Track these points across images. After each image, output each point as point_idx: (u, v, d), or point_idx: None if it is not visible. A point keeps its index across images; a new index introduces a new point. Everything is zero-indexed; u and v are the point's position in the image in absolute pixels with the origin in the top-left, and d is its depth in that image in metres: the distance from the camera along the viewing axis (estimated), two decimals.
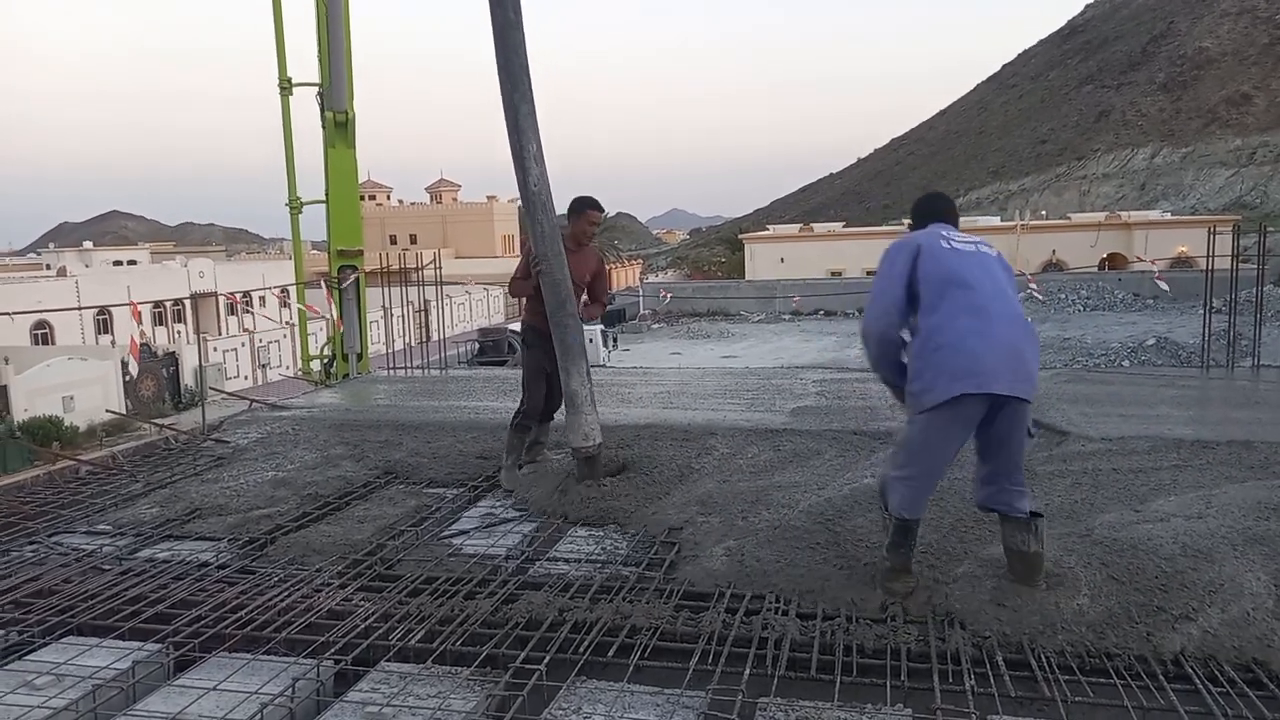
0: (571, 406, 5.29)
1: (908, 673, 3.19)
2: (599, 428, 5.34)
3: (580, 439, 5.24)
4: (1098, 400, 7.70)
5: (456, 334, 37.23)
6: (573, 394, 5.28)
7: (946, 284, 3.62)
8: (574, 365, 5.29)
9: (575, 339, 5.31)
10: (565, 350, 5.30)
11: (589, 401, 5.29)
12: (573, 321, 5.32)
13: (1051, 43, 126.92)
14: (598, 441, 5.29)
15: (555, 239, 5.28)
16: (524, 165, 5.15)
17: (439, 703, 3.01)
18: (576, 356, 5.31)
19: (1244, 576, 3.75)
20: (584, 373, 5.32)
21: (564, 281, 5.31)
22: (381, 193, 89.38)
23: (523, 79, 5.10)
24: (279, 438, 7.15)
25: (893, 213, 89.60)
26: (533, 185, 5.17)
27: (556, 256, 5.28)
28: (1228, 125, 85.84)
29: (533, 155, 5.15)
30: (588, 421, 5.25)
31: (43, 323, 38.60)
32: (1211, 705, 2.96)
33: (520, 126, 5.10)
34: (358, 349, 11.44)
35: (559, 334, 5.31)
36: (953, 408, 3.52)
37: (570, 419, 5.30)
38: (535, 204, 5.21)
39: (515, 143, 5.13)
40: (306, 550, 4.54)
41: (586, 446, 5.25)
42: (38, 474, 6.27)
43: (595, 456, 5.33)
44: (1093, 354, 25.84)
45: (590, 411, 5.28)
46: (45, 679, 3.20)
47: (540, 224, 5.25)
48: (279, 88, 11.43)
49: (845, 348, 30.64)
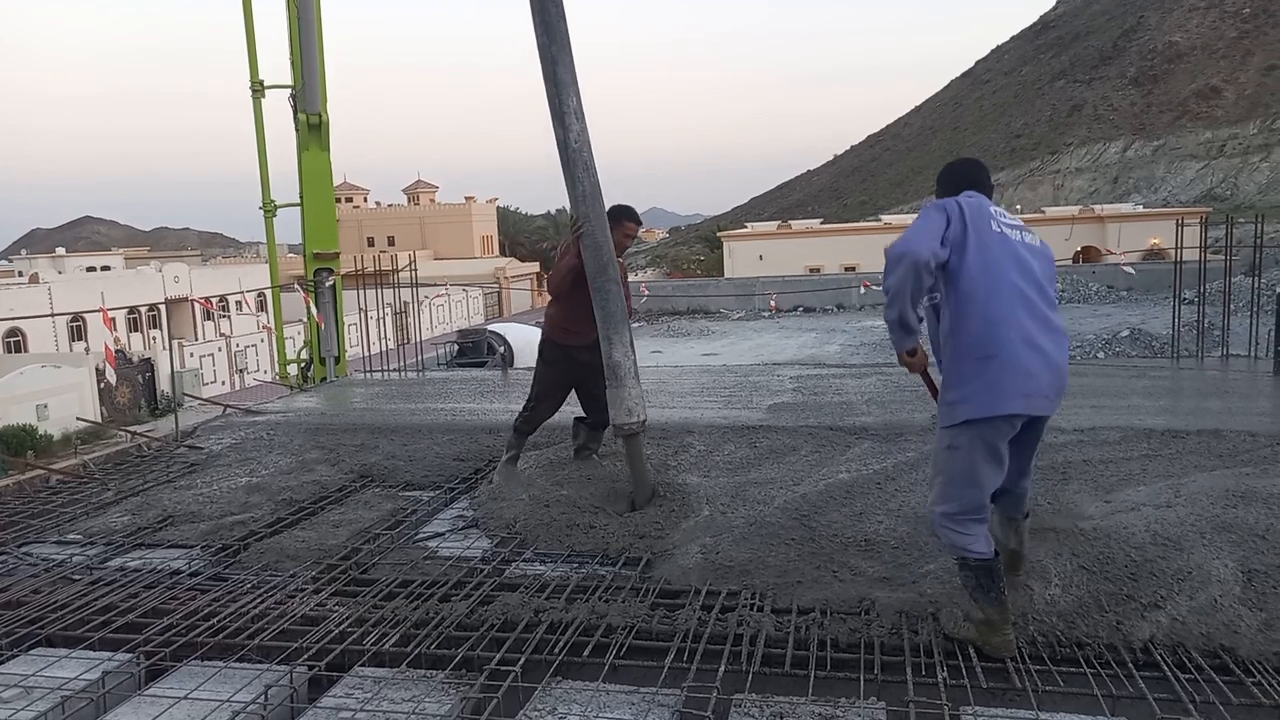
0: (614, 379, 4.91)
1: (881, 666, 3.21)
2: (644, 403, 4.99)
3: (624, 415, 4.88)
4: (1070, 392, 7.74)
5: (435, 336, 37.07)
6: (615, 365, 4.90)
7: (998, 279, 3.18)
8: (616, 334, 4.93)
9: (617, 305, 4.96)
10: (607, 317, 4.94)
11: (632, 374, 4.93)
12: (615, 288, 4.96)
13: (1024, 38, 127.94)
14: (642, 418, 4.94)
15: (597, 199, 4.95)
16: (564, 121, 4.83)
17: (413, 706, 3.00)
18: (619, 324, 4.95)
19: (1212, 564, 3.79)
20: (627, 343, 4.97)
21: (606, 244, 4.96)
22: (359, 195, 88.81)
23: (560, 28, 4.77)
24: (254, 443, 7.10)
25: (869, 209, 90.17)
26: (573, 142, 4.85)
27: (599, 218, 4.96)
28: (1198, 118, 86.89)
29: (573, 110, 4.82)
30: (631, 395, 4.88)
31: (15, 330, 38.10)
32: (1179, 692, 3.00)
33: (559, 79, 4.78)
34: (335, 352, 11.37)
35: (600, 300, 4.95)
36: (994, 425, 3.20)
37: (612, 393, 4.93)
38: (576, 162, 4.87)
39: (554, 96, 4.81)
40: (280, 556, 4.51)
41: (630, 423, 4.88)
42: (7, 483, 6.18)
43: (638, 435, 4.94)
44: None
45: (634, 385, 4.92)
46: (13, 691, 3.16)
47: (581, 183, 4.90)
48: (251, 90, 11.35)
49: (824, 344, 30.80)
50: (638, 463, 4.98)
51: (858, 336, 32.26)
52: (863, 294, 38.63)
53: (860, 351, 28.77)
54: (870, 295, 39.15)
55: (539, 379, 5.61)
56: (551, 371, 5.50)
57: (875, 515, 4.63)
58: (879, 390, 8.21)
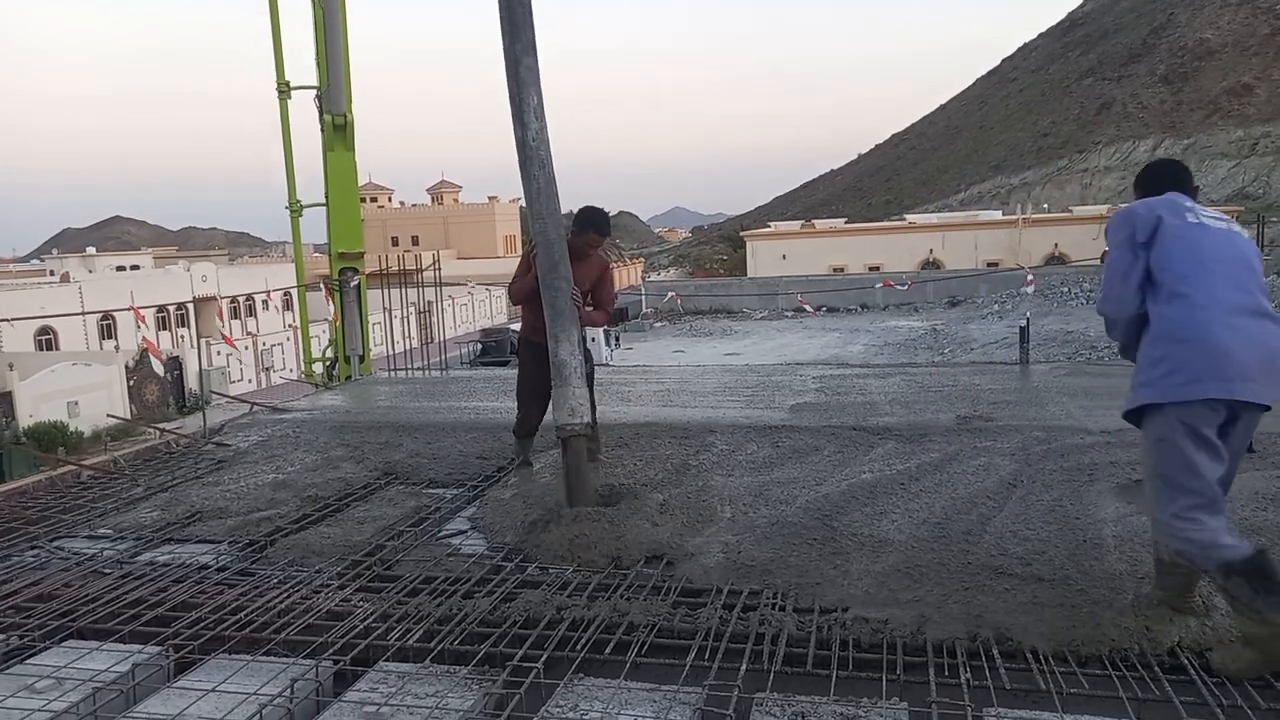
0: (558, 378, 4.80)
1: (903, 666, 3.19)
2: (589, 405, 4.89)
3: (566, 415, 4.73)
4: (1098, 393, 7.70)
5: (459, 335, 37.26)
6: (560, 364, 4.80)
7: (1197, 266, 3.06)
8: (563, 332, 4.85)
9: (566, 303, 4.90)
10: (555, 315, 4.86)
11: (578, 374, 4.81)
12: (564, 285, 4.90)
13: (1052, 35, 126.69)
14: (585, 420, 4.78)
15: (551, 195, 4.91)
16: (523, 119, 4.83)
17: (437, 701, 3.02)
18: (567, 323, 4.87)
19: None
20: (574, 341, 4.87)
21: (558, 243, 4.94)
22: (383, 195, 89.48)
23: (525, 29, 4.81)
24: (280, 440, 7.18)
25: (894, 208, 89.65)
26: (531, 140, 4.84)
27: (552, 215, 4.92)
28: (1229, 116, 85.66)
29: (533, 109, 4.83)
30: (575, 395, 4.76)
31: (47, 328, 38.70)
32: (1206, 696, 2.96)
33: (521, 78, 4.81)
34: (360, 351, 11.46)
35: (549, 296, 4.89)
36: (1194, 410, 2.98)
37: (556, 393, 4.82)
38: (533, 159, 4.85)
39: (515, 94, 4.82)
40: (306, 552, 4.55)
41: (572, 424, 4.72)
42: (39, 479, 6.28)
43: (580, 439, 4.76)
44: (1096, 347, 25.78)
45: (579, 385, 4.80)
46: (46, 682, 3.21)
47: (535, 179, 4.87)
48: (277, 91, 11.44)
49: (847, 344, 30.65)
50: (576, 469, 4.73)
51: (881, 336, 32.08)
52: (888, 292, 38.37)
53: (884, 351, 28.62)
54: (892, 295, 38.93)
55: (517, 381, 5.77)
56: (525, 371, 5.59)
57: (897, 515, 4.62)
58: (903, 390, 8.17)
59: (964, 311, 37.69)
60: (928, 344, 29.27)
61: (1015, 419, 6.75)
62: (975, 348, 27.30)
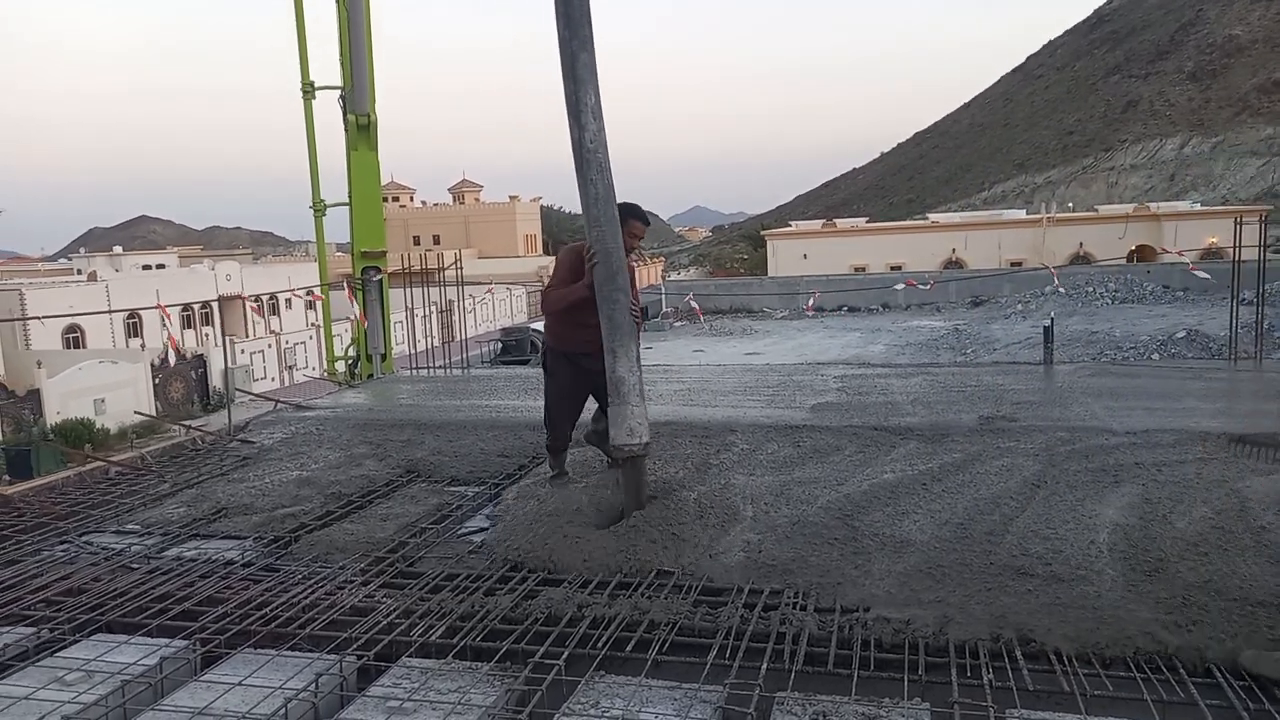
0: (616, 396, 4.61)
1: (925, 667, 3.19)
2: (647, 423, 4.63)
3: (625, 435, 4.55)
4: (1123, 393, 7.63)
5: (479, 334, 37.41)
6: (619, 380, 4.60)
7: None
8: (622, 347, 4.62)
9: (625, 317, 4.65)
10: (613, 329, 4.63)
11: (636, 391, 4.61)
12: (623, 297, 4.65)
13: (1078, 32, 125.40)
14: (645, 440, 4.58)
15: (610, 202, 4.67)
16: (580, 119, 4.57)
17: (459, 697, 3.04)
18: (625, 337, 4.63)
19: (1265, 571, 3.72)
20: (633, 357, 4.65)
21: (616, 251, 4.67)
22: (405, 194, 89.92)
23: (583, 24, 4.58)
24: (303, 438, 7.24)
25: (916, 208, 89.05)
26: (589, 142, 4.58)
27: (610, 223, 4.66)
28: (1259, 114, 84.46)
29: (590, 108, 4.57)
30: (634, 415, 4.56)
31: (74, 327, 39.19)
32: (1234, 700, 2.94)
33: (578, 76, 4.55)
34: (382, 349, 11.53)
35: (607, 309, 4.65)
36: None
37: (614, 411, 4.62)
38: (590, 163, 4.59)
39: (571, 93, 4.57)
40: (330, 548, 4.60)
41: (631, 445, 4.55)
42: (68, 475, 6.38)
43: (641, 459, 4.61)
44: (1121, 347, 25.51)
45: (638, 403, 4.60)
46: (76, 675, 3.27)
47: (594, 185, 4.63)
48: (302, 91, 11.55)
49: (869, 344, 30.48)
50: (634, 490, 4.63)
51: (903, 336, 31.87)
52: (911, 291, 38.10)
53: (906, 351, 28.43)
54: (914, 295, 38.65)
55: (546, 393, 5.43)
56: (555, 383, 5.33)
57: (919, 516, 4.59)
58: (924, 390, 8.13)
59: (987, 311, 37.38)
60: (950, 344, 29.04)
61: (1039, 419, 6.70)
62: (998, 348, 27.06)
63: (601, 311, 4.69)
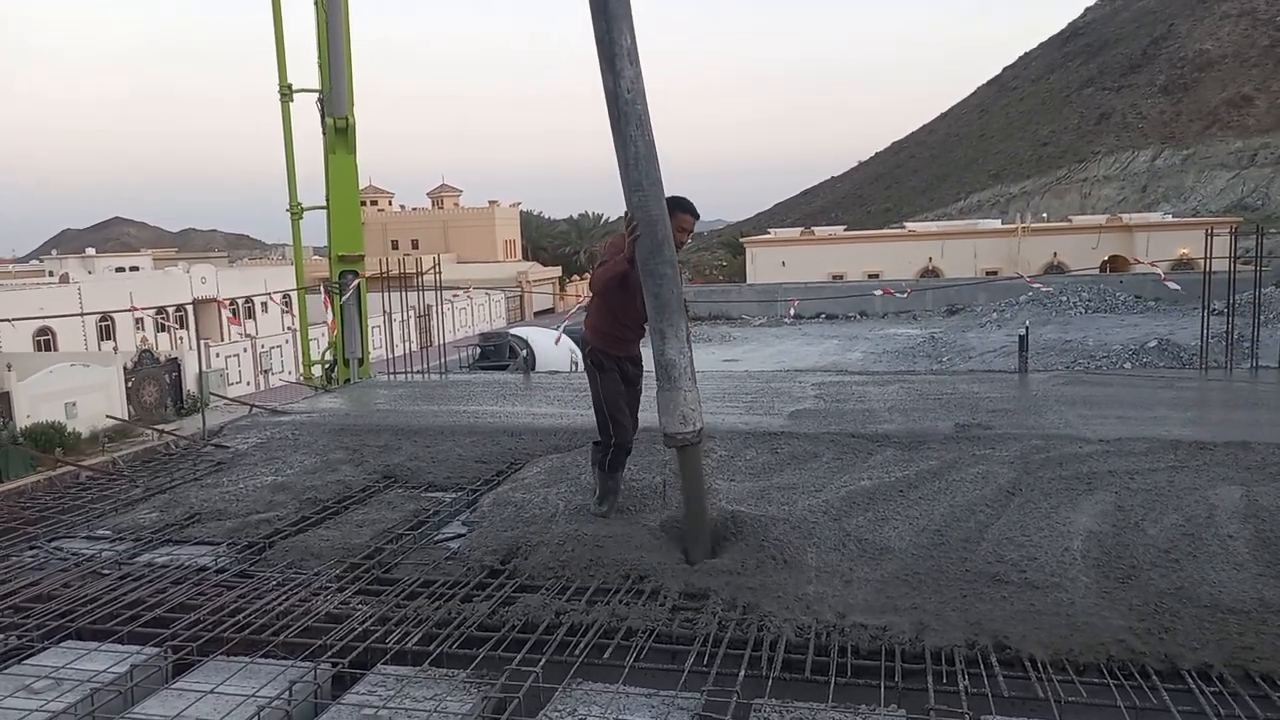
0: (666, 380, 4.17)
1: (901, 673, 3.20)
2: (700, 408, 4.24)
3: (677, 422, 4.16)
4: (1096, 402, 7.71)
5: (458, 339, 37.26)
6: (669, 364, 4.16)
7: None
8: (670, 327, 4.16)
9: (673, 293, 4.17)
10: (660, 307, 4.17)
11: (688, 375, 4.19)
12: (670, 270, 4.16)
13: (1052, 45, 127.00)
14: (698, 426, 4.21)
15: (653, 163, 4.08)
16: (614, 65, 3.90)
17: (435, 705, 3.02)
18: (674, 315, 4.17)
19: (1234, 578, 3.77)
20: (683, 338, 4.19)
21: (662, 219, 4.15)
22: (383, 198, 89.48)
23: None
24: (279, 442, 7.18)
25: (893, 216, 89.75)
26: (625, 91, 3.92)
27: (654, 186, 4.10)
28: (1229, 127, 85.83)
29: (625, 51, 3.90)
30: (687, 400, 4.15)
31: (45, 329, 38.66)
32: (1204, 705, 2.97)
33: (611, 11, 3.88)
34: (359, 354, 11.46)
35: (652, 285, 4.17)
36: None
37: (664, 397, 4.20)
38: (629, 117, 3.95)
39: (603, 34, 3.90)
40: (305, 554, 4.56)
41: (685, 433, 4.17)
42: (38, 479, 6.28)
43: (695, 447, 4.24)
44: (1094, 356, 25.83)
45: (690, 387, 4.18)
46: (44, 683, 3.22)
47: (635, 144, 3.99)
48: (279, 94, 11.46)
49: (846, 351, 30.67)
50: (694, 482, 4.26)
51: (880, 344, 32.09)
52: (888, 299, 38.36)
53: (882, 359, 28.63)
54: (891, 303, 38.94)
55: (606, 392, 4.79)
56: (611, 379, 4.78)
57: (896, 523, 4.62)
58: (902, 398, 8.18)
59: (962, 320, 37.74)
60: (926, 352, 29.28)
61: (1014, 427, 6.76)
62: (974, 356, 27.31)
63: (647, 289, 4.21)
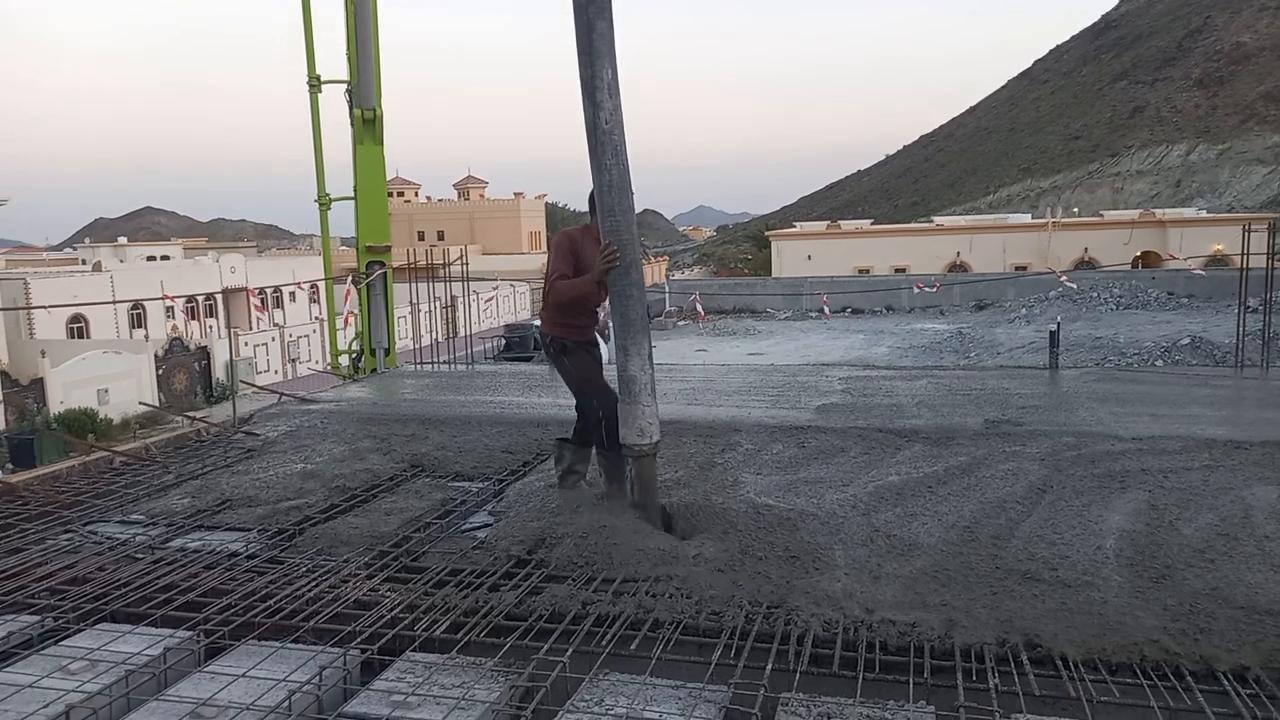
0: (627, 394, 4.50)
1: (931, 670, 3.17)
2: (658, 422, 4.55)
3: (635, 435, 4.48)
4: (1128, 399, 7.61)
5: (483, 330, 37.43)
6: (630, 379, 4.46)
7: None
8: (634, 344, 4.47)
9: (638, 314, 4.48)
10: (626, 326, 4.48)
11: (648, 390, 4.49)
12: (637, 292, 4.48)
13: (1085, 38, 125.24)
14: (655, 439, 4.51)
15: (625, 191, 4.40)
16: (595, 97, 4.24)
17: (463, 692, 3.04)
18: (638, 334, 4.47)
19: (1271, 579, 3.71)
20: (645, 355, 4.50)
21: (632, 243, 4.44)
22: (410, 189, 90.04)
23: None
24: (308, 431, 7.24)
25: (921, 210, 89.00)
26: (604, 122, 4.27)
27: (625, 213, 4.42)
28: (1265, 121, 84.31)
29: (606, 85, 4.24)
30: (645, 414, 4.47)
31: (78, 317, 39.29)
32: (1240, 707, 2.92)
33: (594, 49, 4.20)
34: (385, 344, 11.53)
35: (619, 305, 4.48)
36: None
37: (624, 410, 4.52)
38: (605, 146, 4.30)
39: (586, 69, 4.24)
40: (334, 541, 4.59)
41: (642, 444, 4.48)
42: (73, 464, 6.38)
43: (651, 459, 4.54)
44: (1125, 353, 25.47)
45: (649, 402, 4.48)
46: (80, 664, 3.27)
47: (609, 171, 4.34)
48: (308, 85, 11.54)
49: (872, 345, 30.47)
50: (648, 489, 4.57)
51: (907, 339, 31.84)
52: (915, 294, 38.10)
53: (909, 354, 28.41)
54: (918, 297, 38.65)
55: (580, 368, 4.96)
56: (580, 356, 4.96)
57: (925, 519, 4.59)
58: (930, 393, 8.11)
59: (991, 315, 37.33)
60: (954, 347, 29.01)
61: (1045, 424, 6.69)
62: (1002, 352, 27.03)
63: (614, 308, 4.54)
